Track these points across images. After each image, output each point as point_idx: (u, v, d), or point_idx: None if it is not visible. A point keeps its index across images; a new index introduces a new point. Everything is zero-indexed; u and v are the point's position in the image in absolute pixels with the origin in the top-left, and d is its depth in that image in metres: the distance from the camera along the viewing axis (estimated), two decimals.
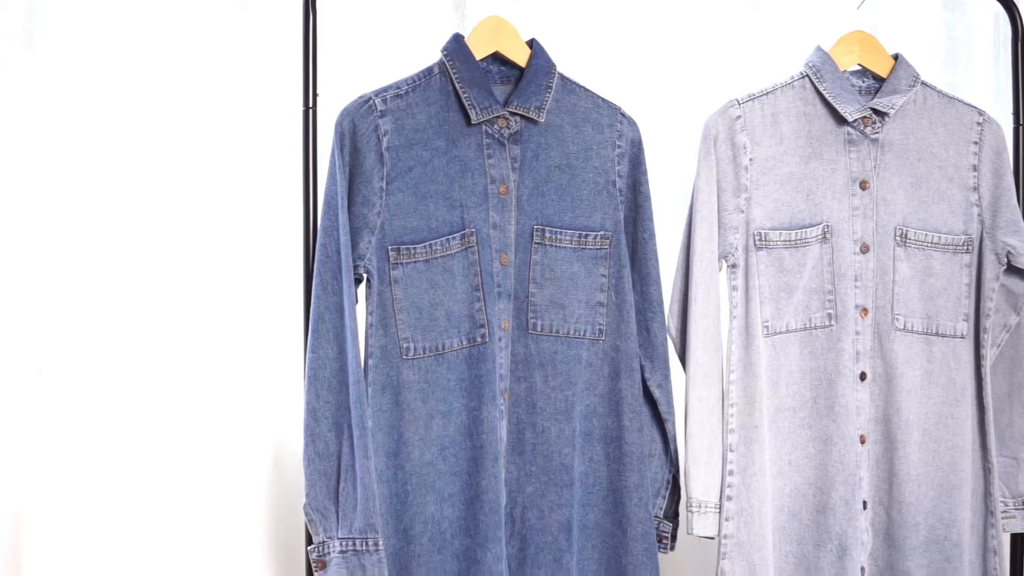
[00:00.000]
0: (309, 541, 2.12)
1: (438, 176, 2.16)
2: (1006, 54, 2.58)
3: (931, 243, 2.30)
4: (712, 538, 2.25)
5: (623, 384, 2.23)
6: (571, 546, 2.21)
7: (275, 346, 2.62)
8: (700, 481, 2.23)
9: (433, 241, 2.16)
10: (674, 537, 2.31)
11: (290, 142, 2.32)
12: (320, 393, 2.11)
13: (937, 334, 2.31)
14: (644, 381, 2.26)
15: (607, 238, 2.23)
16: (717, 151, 2.26)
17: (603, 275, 2.23)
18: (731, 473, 2.24)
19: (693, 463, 2.23)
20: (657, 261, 2.27)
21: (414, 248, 2.15)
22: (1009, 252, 2.31)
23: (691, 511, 2.23)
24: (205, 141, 2.65)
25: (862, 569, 2.30)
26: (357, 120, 2.14)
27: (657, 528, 2.28)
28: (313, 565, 2.11)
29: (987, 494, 2.32)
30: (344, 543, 2.08)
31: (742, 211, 2.27)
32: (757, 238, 2.27)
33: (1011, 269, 2.33)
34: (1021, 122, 2.41)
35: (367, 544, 2.07)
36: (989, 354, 2.33)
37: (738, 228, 2.27)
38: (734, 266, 2.27)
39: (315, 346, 2.11)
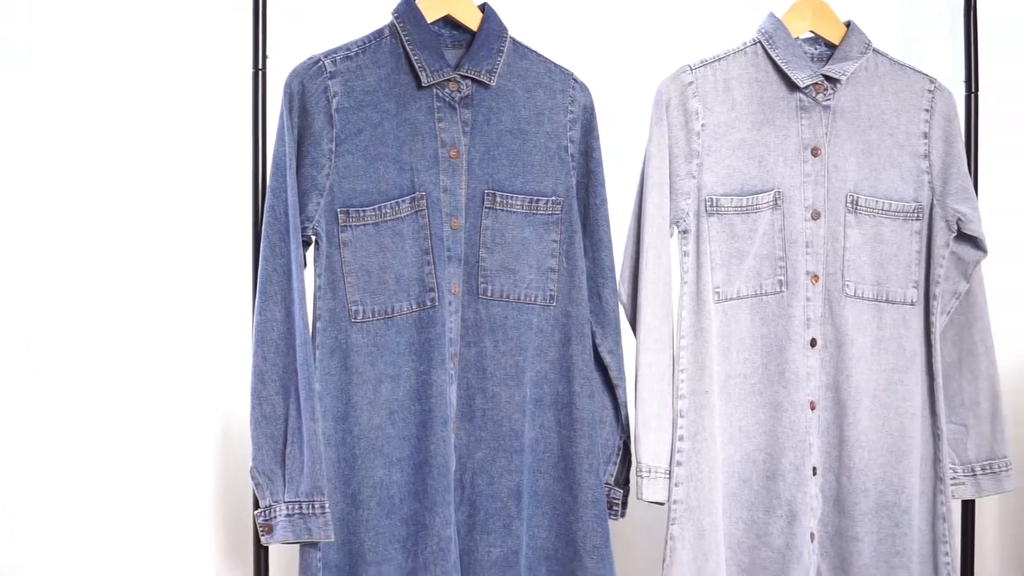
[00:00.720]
0: (256, 506, 2.10)
1: (388, 139, 2.15)
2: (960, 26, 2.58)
3: (882, 210, 2.30)
4: (662, 504, 2.25)
5: (574, 350, 2.22)
6: (521, 512, 2.20)
7: (223, 309, 2.59)
8: (650, 447, 2.23)
9: (383, 204, 2.14)
10: (625, 504, 2.31)
11: (239, 104, 2.29)
12: (267, 356, 2.09)
13: (887, 301, 2.31)
14: (595, 347, 2.25)
15: (558, 203, 2.22)
16: (669, 117, 2.26)
17: (554, 240, 2.22)
18: (681, 439, 2.24)
19: (643, 428, 2.23)
20: (609, 227, 2.27)
21: (363, 211, 2.14)
22: (959, 219, 2.32)
23: (641, 476, 2.22)
24: (154, 103, 2.61)
25: (812, 535, 2.30)
26: (306, 81, 2.12)
27: (608, 495, 2.28)
28: (259, 529, 2.09)
29: (936, 460, 2.33)
30: (290, 506, 2.06)
31: (694, 177, 2.26)
32: (708, 204, 2.26)
33: (961, 236, 2.33)
34: (973, 90, 2.41)
35: (313, 507, 2.06)
36: (939, 321, 2.34)
37: (690, 194, 2.26)
38: (685, 232, 2.27)
39: (262, 308, 2.10)
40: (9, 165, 2.58)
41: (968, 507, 2.46)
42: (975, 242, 2.34)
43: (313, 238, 2.14)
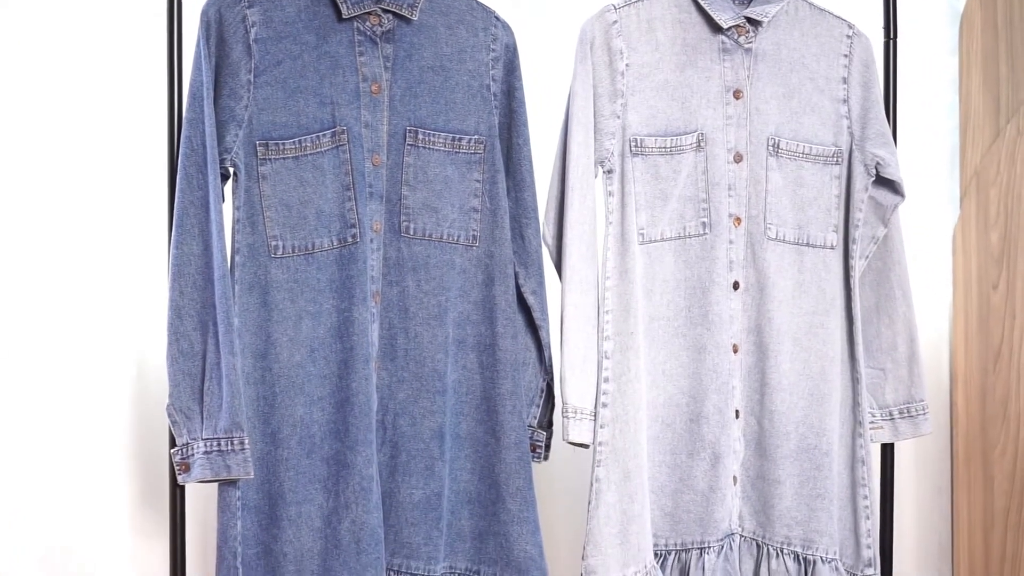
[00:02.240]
0: (172, 444, 2.04)
1: (308, 72, 2.10)
2: None
3: (802, 153, 2.32)
4: (587, 446, 2.23)
5: (497, 291, 2.20)
6: (443, 454, 2.17)
7: (137, 243, 2.50)
8: (576, 388, 2.21)
9: (303, 137, 2.09)
10: (548, 446, 2.29)
11: (154, 32, 2.22)
12: (184, 291, 2.03)
13: (808, 244, 2.32)
14: (518, 288, 2.23)
15: (481, 143, 2.20)
16: (593, 56, 2.24)
17: (477, 180, 2.20)
18: (606, 380, 2.22)
19: (569, 370, 2.21)
20: (532, 167, 2.25)
21: (283, 144, 2.09)
22: (878, 163, 2.34)
23: (567, 418, 2.20)
24: (66, 30, 2.50)
25: (734, 478, 2.31)
26: (223, 9, 2.07)
27: (531, 437, 2.26)
28: (176, 468, 2.03)
29: (855, 404, 2.35)
30: (208, 443, 2.01)
31: (618, 117, 2.25)
32: (633, 144, 2.25)
33: (880, 181, 2.36)
34: (892, 36, 2.44)
35: (232, 443, 2.00)
36: (858, 265, 2.36)
37: (614, 134, 2.25)
38: (610, 172, 2.26)
39: (179, 242, 2.04)
40: None
41: (887, 451, 2.48)
42: (893, 186, 2.36)
43: (231, 171, 2.08)
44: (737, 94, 2.29)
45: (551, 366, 2.27)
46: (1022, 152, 2.98)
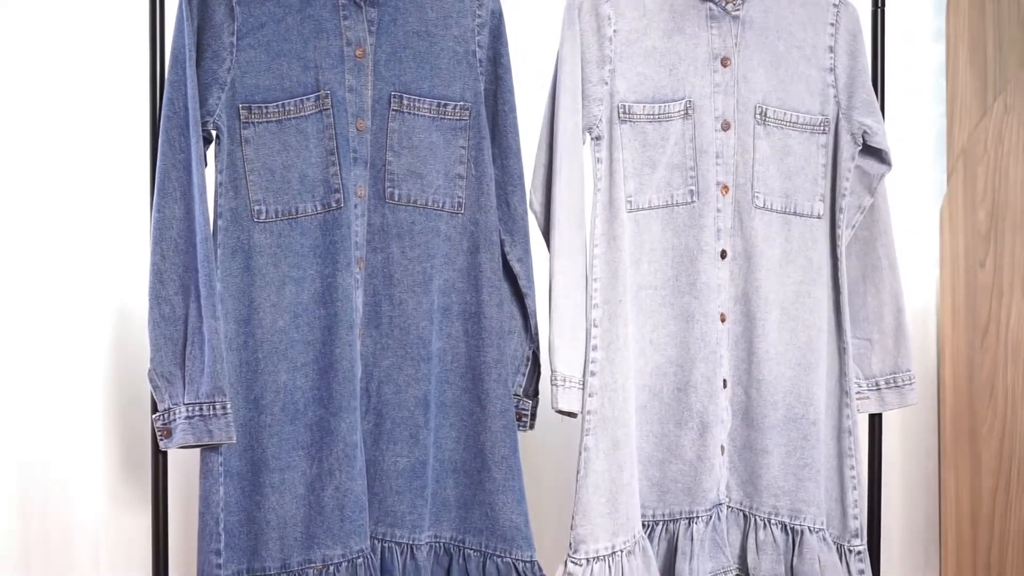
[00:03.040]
0: (154, 409, 2.01)
1: (291, 35, 2.08)
2: None
3: (789, 122, 2.31)
4: (575, 415, 2.21)
5: (482, 258, 2.18)
6: (428, 422, 2.15)
7: (119, 207, 2.47)
8: (564, 355, 2.19)
9: (286, 101, 2.07)
10: (533, 415, 2.27)
11: None
12: (166, 254, 2.01)
13: (795, 213, 2.31)
14: (504, 256, 2.21)
15: (466, 109, 2.18)
16: (581, 21, 2.23)
17: (462, 147, 2.18)
18: (595, 348, 2.21)
19: (558, 337, 2.19)
20: (517, 134, 2.23)
21: (266, 107, 2.07)
22: (865, 132, 2.33)
23: (556, 385, 2.18)
24: None
25: (722, 448, 2.29)
26: None
27: (516, 406, 2.24)
28: (158, 435, 2.01)
29: (842, 374, 2.34)
30: (190, 408, 1.98)
31: (606, 83, 2.24)
32: (621, 111, 2.24)
33: (867, 150, 2.35)
34: (879, 5, 2.43)
35: (214, 408, 1.98)
36: (844, 235, 2.35)
37: (602, 100, 2.24)
38: (598, 138, 2.24)
39: (161, 205, 2.01)
40: None
41: (875, 421, 2.47)
42: (880, 155, 2.35)
43: (214, 134, 2.06)
44: (725, 62, 2.27)
45: (537, 334, 2.26)
46: (1009, 130, 2.98)
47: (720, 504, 2.30)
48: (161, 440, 2.01)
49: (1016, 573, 2.94)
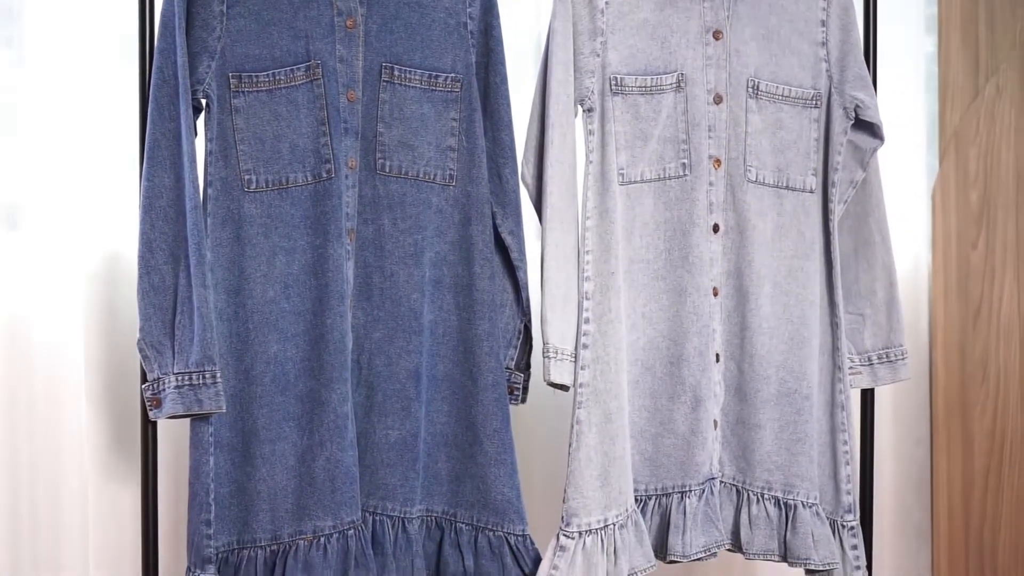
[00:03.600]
0: (144, 380, 2.00)
1: (281, 4, 2.07)
2: None
3: (782, 96, 2.30)
4: (567, 389, 2.20)
5: (474, 231, 2.17)
6: (420, 395, 2.14)
7: (108, 176, 2.45)
8: (556, 327, 2.18)
9: (276, 71, 2.06)
10: (525, 389, 2.26)
11: None
12: (156, 224, 2.00)
13: (787, 187, 2.31)
14: (495, 228, 2.20)
15: (458, 81, 2.17)
16: None
17: (454, 119, 2.17)
18: (587, 321, 2.20)
19: (550, 309, 2.18)
20: (509, 106, 2.22)
21: (256, 76, 2.06)
22: (857, 106, 2.32)
23: (547, 358, 2.17)
24: None
25: (715, 422, 2.28)
26: None
27: (508, 379, 2.23)
28: (147, 404, 2.00)
29: (835, 349, 2.33)
30: (180, 378, 1.97)
31: (598, 55, 2.23)
32: (613, 83, 2.23)
33: (859, 124, 2.34)
34: None
35: (204, 377, 1.97)
36: (837, 209, 2.34)
37: (594, 72, 2.23)
38: (590, 110, 2.23)
39: (150, 174, 2.00)
40: None
41: (867, 396, 2.47)
42: (872, 129, 2.34)
43: (204, 103, 2.05)
44: (716, 35, 2.27)
45: (528, 307, 2.25)
46: (1002, 112, 2.98)
47: (713, 478, 2.29)
48: (151, 410, 1.99)
49: (1008, 554, 2.94)
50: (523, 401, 2.26)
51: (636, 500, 2.25)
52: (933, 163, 2.99)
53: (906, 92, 2.94)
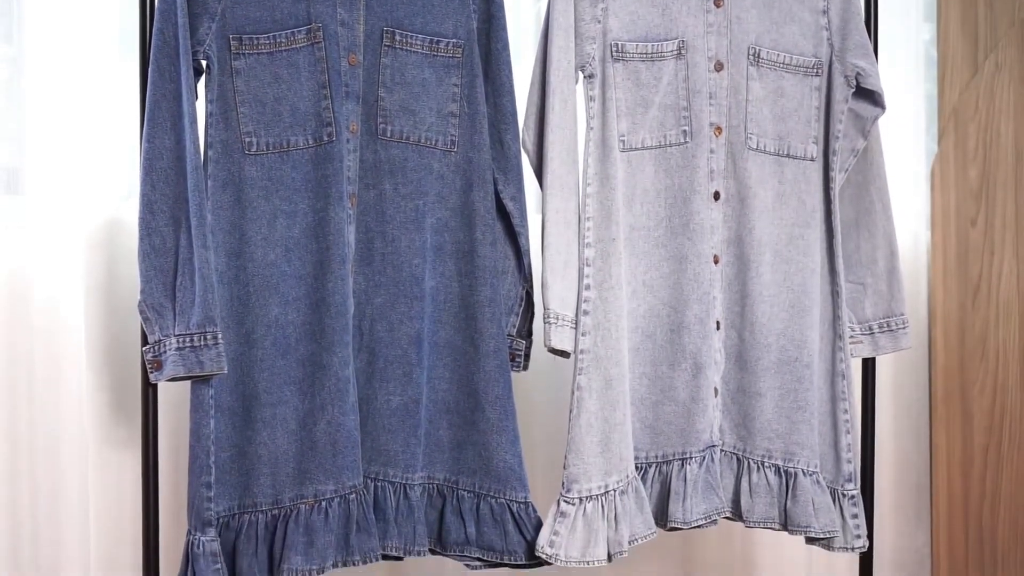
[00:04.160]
0: (144, 342, 1.99)
1: None
2: None
3: (783, 63, 2.30)
4: (567, 355, 2.20)
5: (475, 196, 2.17)
6: (421, 361, 2.13)
7: (108, 138, 2.44)
8: (557, 293, 2.18)
9: (277, 33, 2.06)
10: (527, 356, 2.25)
11: None
12: (156, 185, 1.99)
13: (788, 155, 2.30)
14: (497, 195, 2.20)
15: (459, 46, 2.17)
16: None
17: (455, 84, 2.17)
18: (588, 288, 2.19)
19: (551, 275, 2.17)
20: (511, 72, 2.22)
21: (257, 39, 2.05)
22: (859, 73, 2.32)
23: (548, 323, 2.17)
24: None
25: (715, 390, 2.28)
26: None
27: (510, 346, 2.22)
28: (148, 367, 1.99)
29: (835, 318, 2.33)
30: (181, 340, 1.96)
31: (599, 21, 2.22)
32: (614, 49, 2.23)
33: (860, 92, 2.34)
34: None
35: (205, 339, 1.96)
36: (838, 178, 2.34)
37: (595, 38, 2.22)
38: (591, 76, 2.23)
39: (151, 136, 1.99)
40: None
41: (868, 365, 2.46)
42: (873, 98, 2.34)
43: (204, 64, 2.04)
44: (718, 2, 2.26)
45: (530, 274, 2.24)
46: (1001, 88, 2.97)
47: (714, 446, 2.29)
48: (151, 372, 1.99)
49: (1008, 531, 2.93)
50: (525, 368, 2.26)
51: (637, 468, 2.25)
52: (932, 147, 2.99)
53: (905, 76, 2.93)
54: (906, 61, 2.94)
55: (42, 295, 2.40)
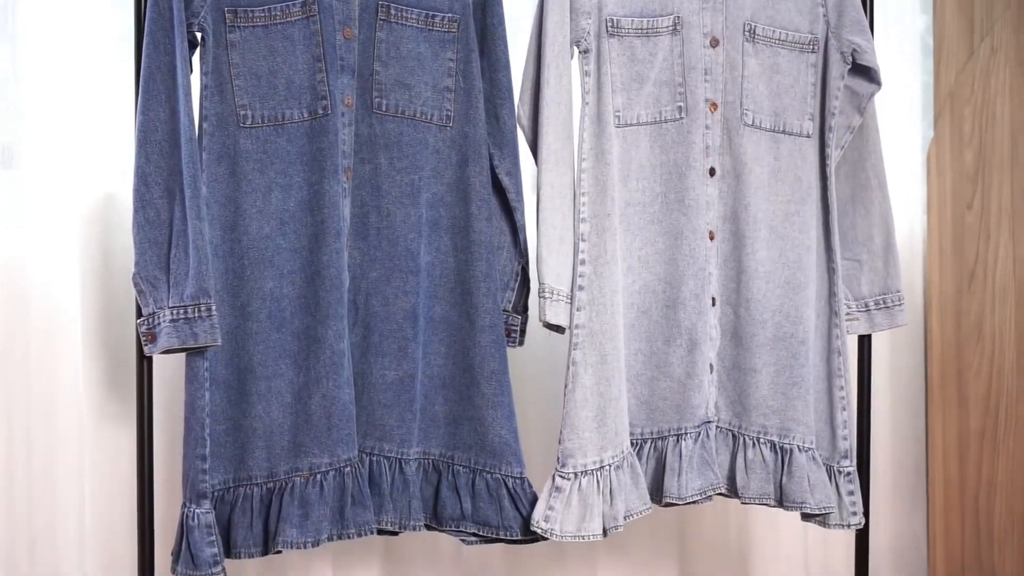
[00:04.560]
0: (139, 315, 1.99)
1: None
2: None
3: (778, 40, 2.29)
4: (562, 331, 2.20)
5: (471, 171, 2.16)
6: (417, 336, 2.13)
7: (102, 111, 2.44)
8: (552, 268, 2.17)
9: (272, 6, 2.06)
10: (523, 331, 2.25)
11: None
12: (151, 157, 1.99)
13: (784, 132, 2.30)
14: (493, 170, 2.20)
15: (455, 21, 2.16)
16: None
17: (451, 59, 2.16)
18: (583, 263, 2.19)
19: (546, 249, 2.17)
20: (506, 47, 2.21)
21: (252, 11, 2.05)
22: (855, 50, 2.32)
23: (543, 298, 2.17)
24: None
25: (711, 366, 2.28)
26: None
27: (506, 321, 2.22)
28: (142, 339, 1.99)
29: (831, 295, 2.33)
30: (175, 312, 1.96)
31: None
32: (609, 24, 2.22)
33: (856, 69, 2.34)
34: None
35: (199, 310, 1.95)
36: (834, 155, 2.34)
37: (590, 13, 2.22)
38: (586, 52, 2.23)
39: (145, 108, 1.99)
40: None
41: (864, 342, 2.46)
42: (869, 74, 2.34)
43: (199, 36, 2.04)
44: None
45: (526, 249, 2.24)
46: (996, 70, 2.97)
47: (709, 422, 2.28)
48: (146, 345, 1.98)
49: (1004, 516, 2.93)
50: (520, 343, 2.25)
51: (632, 443, 2.25)
52: (928, 133, 2.99)
53: (901, 63, 2.93)
54: (902, 46, 2.94)
55: (37, 270, 2.39)
